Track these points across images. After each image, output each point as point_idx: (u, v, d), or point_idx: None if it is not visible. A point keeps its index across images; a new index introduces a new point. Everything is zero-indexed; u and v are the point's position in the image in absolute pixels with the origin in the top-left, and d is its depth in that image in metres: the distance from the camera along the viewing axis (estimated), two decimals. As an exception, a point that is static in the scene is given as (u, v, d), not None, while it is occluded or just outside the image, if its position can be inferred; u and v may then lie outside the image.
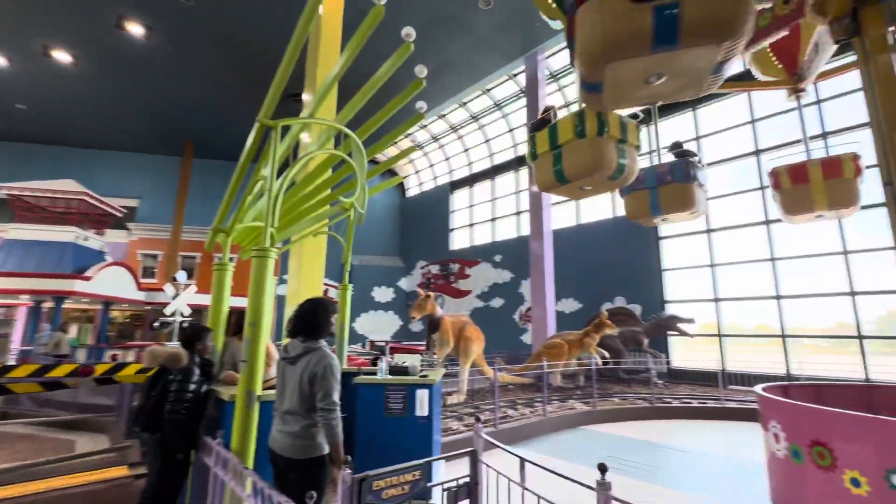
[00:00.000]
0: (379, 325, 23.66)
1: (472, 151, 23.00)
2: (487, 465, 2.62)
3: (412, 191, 27.37)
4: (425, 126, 22.84)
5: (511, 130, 20.42)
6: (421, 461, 2.30)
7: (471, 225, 22.54)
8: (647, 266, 14.78)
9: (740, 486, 4.90)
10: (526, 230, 17.51)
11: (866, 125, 10.31)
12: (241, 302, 2.98)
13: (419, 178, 26.68)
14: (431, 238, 24.11)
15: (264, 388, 2.94)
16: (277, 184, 3.15)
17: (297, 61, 3.23)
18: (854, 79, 8.92)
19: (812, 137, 11.44)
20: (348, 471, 2.03)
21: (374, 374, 4.30)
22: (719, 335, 13.07)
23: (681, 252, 14.51)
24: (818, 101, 11.94)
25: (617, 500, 1.78)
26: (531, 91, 15.46)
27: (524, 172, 19.42)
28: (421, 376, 4.26)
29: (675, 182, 6.72)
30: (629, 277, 15.10)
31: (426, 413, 4.02)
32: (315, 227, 5.54)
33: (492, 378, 7.94)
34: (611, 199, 16.28)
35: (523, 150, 18.64)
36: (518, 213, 20.10)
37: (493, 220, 21.34)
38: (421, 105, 4.87)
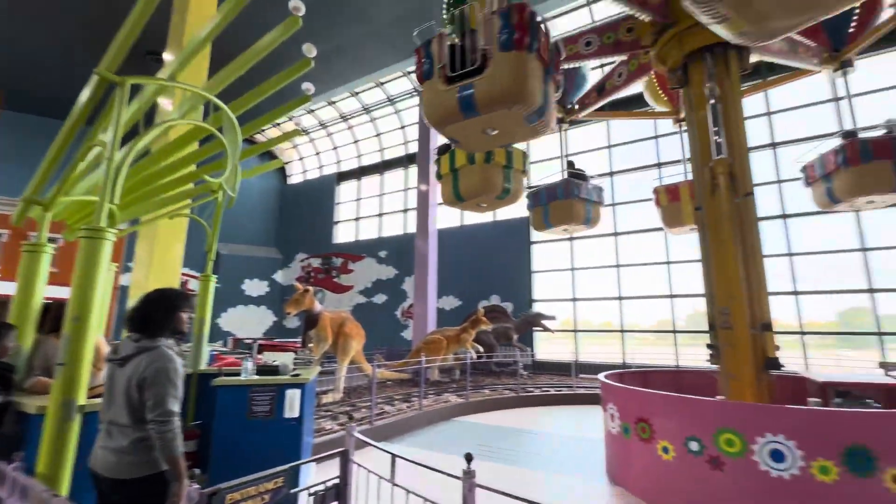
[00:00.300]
0: (249, 322, 21.66)
1: (362, 143, 22.46)
2: (359, 465, 2.56)
3: (295, 178, 25.66)
4: (313, 111, 21.61)
5: (403, 127, 20.46)
6: (284, 466, 2.13)
7: (357, 219, 22.00)
8: (519, 267, 16.13)
9: (585, 462, 5.63)
10: (413, 227, 17.71)
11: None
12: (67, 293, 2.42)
13: (303, 165, 25.13)
14: (313, 230, 22.89)
15: (89, 397, 2.43)
16: (122, 153, 2.64)
17: (160, 14, 2.75)
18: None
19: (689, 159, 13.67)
20: (196, 485, 1.78)
21: (238, 374, 3.90)
22: (574, 330, 14.90)
23: (548, 256, 16.16)
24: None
25: (480, 486, 1.88)
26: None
27: (414, 170, 19.63)
28: (293, 375, 3.99)
29: (559, 199, 7.67)
30: (504, 277, 16.31)
31: (297, 414, 3.79)
32: (173, 208, 4.80)
33: (370, 375, 7.84)
34: (492, 203, 17.39)
35: (414, 147, 18.82)
36: (405, 211, 20.24)
37: (380, 215, 21.14)
38: (308, 87, 4.56)
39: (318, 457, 2.55)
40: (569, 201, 7.61)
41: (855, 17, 6.29)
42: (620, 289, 14.34)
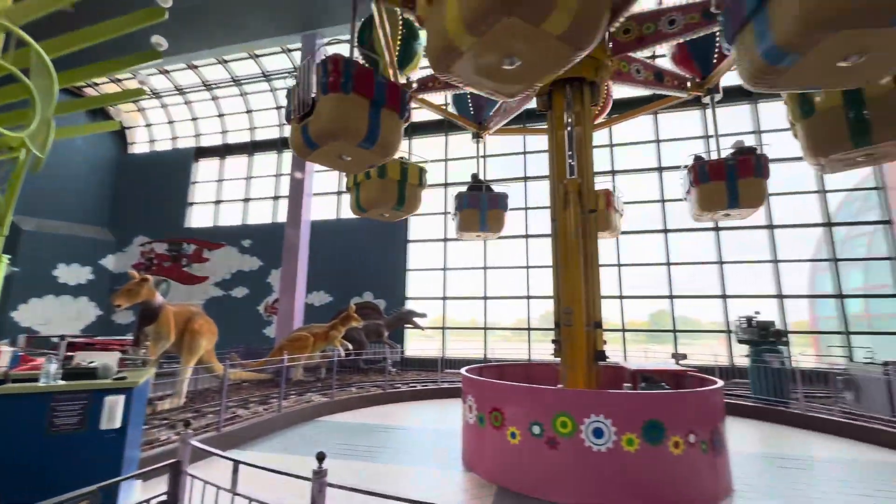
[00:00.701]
0: (62, 316, 17.65)
1: (229, 118, 20.10)
2: (194, 477, 2.26)
3: (139, 147, 21.75)
4: (168, 72, 18.61)
5: (280, 108, 18.91)
6: (91, 487, 1.77)
7: (218, 202, 19.59)
8: (394, 265, 16.22)
9: (443, 453, 5.90)
10: (283, 216, 16.44)
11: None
12: None
13: (151, 133, 21.46)
14: (160, 210, 19.69)
15: None
16: None
17: None
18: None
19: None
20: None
21: (37, 379, 3.14)
22: (443, 328, 15.57)
23: (423, 255, 16.59)
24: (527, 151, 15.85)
25: (332, 485, 1.82)
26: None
27: (288, 155, 18.29)
28: (116, 379, 3.37)
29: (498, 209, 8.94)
30: (379, 274, 16.22)
31: (118, 425, 3.20)
32: (-59, 164, 3.64)
33: (221, 375, 7.04)
34: (371, 199, 17.15)
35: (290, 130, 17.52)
36: (276, 198, 18.74)
37: (246, 200, 19.17)
38: (158, 41, 3.91)
39: (139, 472, 2.18)
40: (498, 210, 8.89)
41: (717, 47, 7.20)
42: (486, 289, 15.45)
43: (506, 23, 2.97)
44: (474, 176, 9.34)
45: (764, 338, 9.22)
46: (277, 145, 19.24)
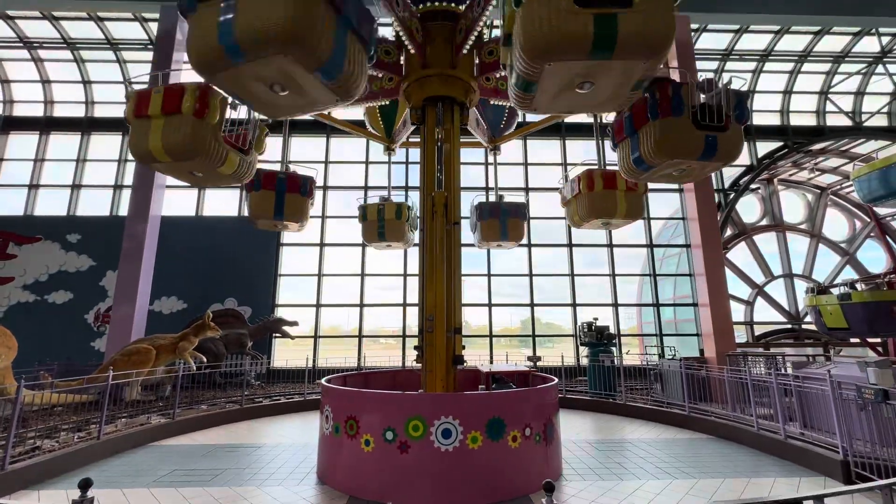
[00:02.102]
0: None
1: (58, 87, 16.58)
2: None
3: (-87, 106, 16.65)
4: (-35, 17, 14.69)
5: (130, 82, 16.22)
6: None
7: (34, 186, 15.92)
8: (264, 269, 15.02)
9: (298, 469, 5.60)
10: (126, 208, 14.06)
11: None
12: None
13: (-65, 90, 16.62)
14: (-56, 190, 15.29)
15: None
16: None
17: None
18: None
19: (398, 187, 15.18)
20: None
21: None
22: (314, 336, 14.87)
23: (297, 260, 15.69)
24: (407, 162, 16.16)
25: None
26: (162, 50, 12.94)
27: (138, 140, 15.77)
28: None
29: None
30: (245, 279, 14.84)
31: None
32: None
33: (12, 398, 5.67)
34: (239, 196, 15.69)
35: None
36: (118, 187, 15.97)
37: (76, 186, 15.93)
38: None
39: None
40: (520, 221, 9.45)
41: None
42: (363, 297, 15.22)
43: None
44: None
45: (599, 340, 10.75)
46: (124, 126, 16.45)
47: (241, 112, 6.08)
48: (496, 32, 6.66)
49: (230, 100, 4.78)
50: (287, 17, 3.03)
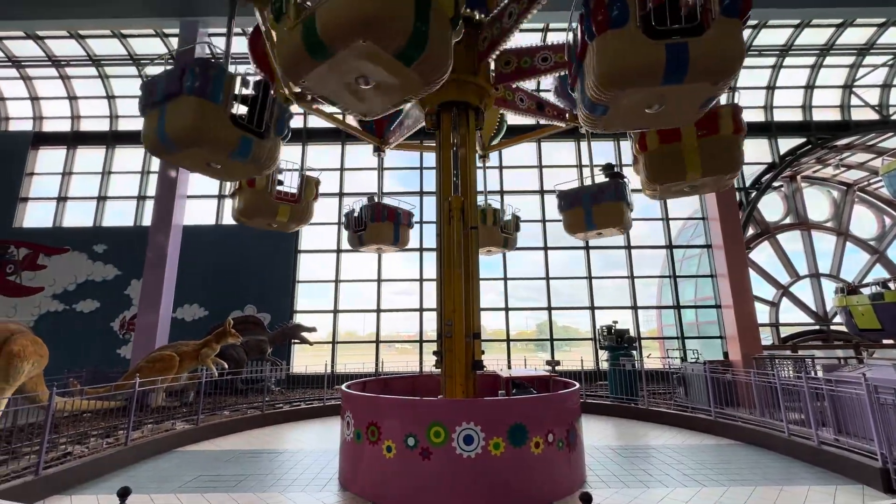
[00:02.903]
0: None
1: (84, 103, 17.19)
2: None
3: (-51, 125, 17.45)
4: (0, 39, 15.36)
5: (143, 75, 16.68)
6: None
7: (62, 198, 16.48)
8: (282, 276, 15.23)
9: (320, 475, 5.63)
10: (150, 219, 14.43)
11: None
12: None
13: (-30, 109, 17.38)
14: (-22, 204, 15.94)
15: None
16: None
17: None
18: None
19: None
20: None
21: None
22: (332, 342, 14.98)
23: (314, 266, 15.87)
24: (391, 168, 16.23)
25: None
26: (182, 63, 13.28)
27: (159, 151, 16.20)
28: None
29: (607, 201, 7.68)
30: (264, 286, 15.07)
31: None
32: None
33: (46, 405, 5.84)
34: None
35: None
36: (142, 198, 16.42)
37: (101, 198, 16.44)
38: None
39: None
40: (618, 203, 7.62)
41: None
42: (380, 302, 15.29)
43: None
44: (609, 165, 8.58)
45: (619, 344, 10.57)
46: (146, 139, 16.92)
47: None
48: (511, 43, 6.64)
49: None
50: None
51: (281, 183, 7.67)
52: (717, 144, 5.50)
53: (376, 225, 8.74)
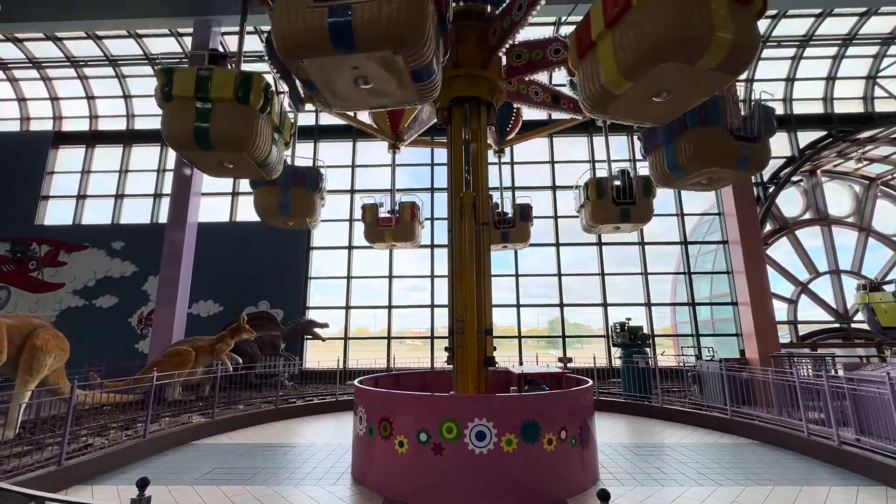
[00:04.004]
0: None
1: (101, 102, 17.52)
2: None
3: (-27, 125, 17.94)
4: (20, 40, 15.71)
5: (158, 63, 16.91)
6: None
7: (81, 196, 16.86)
8: (295, 272, 15.38)
9: (333, 469, 5.68)
10: (166, 216, 14.69)
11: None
12: None
13: (-7, 110, 17.85)
14: (1, 202, 16.39)
15: None
16: None
17: None
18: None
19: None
20: None
21: None
22: (344, 338, 15.09)
23: (326, 262, 15.99)
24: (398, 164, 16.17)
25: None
26: (196, 62, 13.45)
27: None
28: None
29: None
30: (277, 282, 15.24)
31: None
32: None
33: (67, 397, 5.99)
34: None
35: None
36: (158, 196, 16.70)
37: (119, 196, 16.78)
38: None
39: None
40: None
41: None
42: (391, 298, 15.35)
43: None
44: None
45: (633, 341, 10.45)
46: (162, 137, 17.16)
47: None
48: (522, 36, 6.57)
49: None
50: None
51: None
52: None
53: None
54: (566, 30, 13.59)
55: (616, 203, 7.81)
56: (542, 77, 8.13)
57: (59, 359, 7.31)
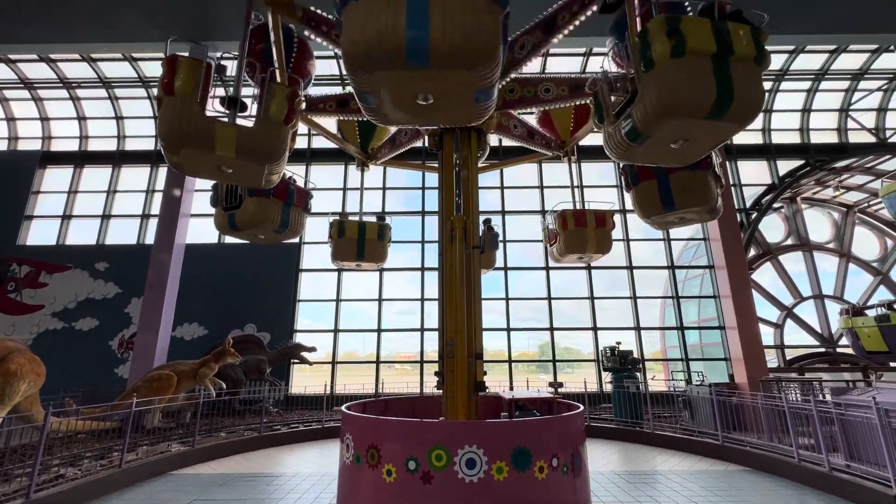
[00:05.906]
0: None
1: (92, 123, 17.50)
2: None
3: (-41, 144, 17.74)
4: (12, 61, 15.76)
5: (156, 118, 17.02)
6: None
7: (66, 216, 16.61)
8: (283, 295, 15.17)
9: (320, 499, 5.48)
10: (153, 237, 14.50)
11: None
12: None
13: (-19, 129, 17.70)
14: (-16, 222, 16.05)
15: None
16: None
17: None
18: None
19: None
20: None
21: None
22: (332, 362, 14.81)
23: (315, 285, 15.82)
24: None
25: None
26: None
27: (164, 170, 16.39)
28: None
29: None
30: (264, 305, 15.00)
31: None
32: None
33: (41, 425, 5.73)
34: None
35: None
36: (146, 216, 16.53)
37: (106, 216, 16.56)
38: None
39: None
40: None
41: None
42: (381, 322, 15.18)
43: None
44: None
45: (623, 365, 10.43)
46: (152, 158, 17.16)
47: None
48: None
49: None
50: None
51: None
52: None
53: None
54: (554, 67, 14.01)
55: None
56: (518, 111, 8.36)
57: (33, 384, 7.05)
